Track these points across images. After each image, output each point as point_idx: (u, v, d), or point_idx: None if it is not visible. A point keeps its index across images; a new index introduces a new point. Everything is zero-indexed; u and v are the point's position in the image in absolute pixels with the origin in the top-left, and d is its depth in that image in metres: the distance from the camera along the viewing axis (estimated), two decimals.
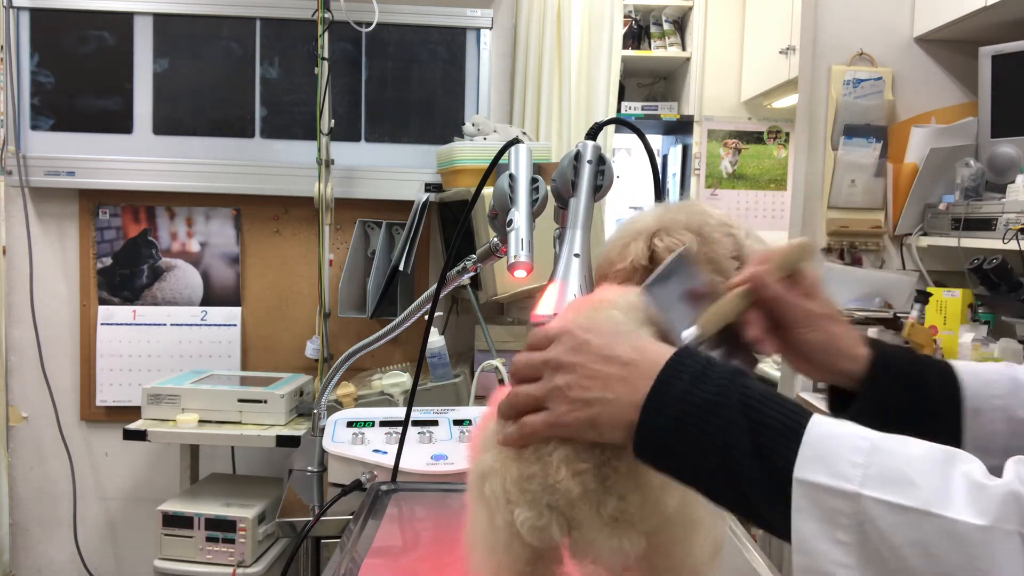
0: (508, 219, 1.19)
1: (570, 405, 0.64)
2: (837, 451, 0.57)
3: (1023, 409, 0.79)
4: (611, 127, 2.69)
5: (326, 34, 2.56)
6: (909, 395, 0.80)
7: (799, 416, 0.59)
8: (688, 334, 0.75)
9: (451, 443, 1.67)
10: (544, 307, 1.03)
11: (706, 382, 0.61)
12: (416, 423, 1.71)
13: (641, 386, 0.62)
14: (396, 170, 2.87)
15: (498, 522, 0.68)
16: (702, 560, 0.75)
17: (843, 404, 0.83)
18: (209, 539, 2.28)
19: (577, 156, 1.14)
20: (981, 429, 0.79)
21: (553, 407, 0.65)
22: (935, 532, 0.53)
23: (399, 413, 1.76)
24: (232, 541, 2.27)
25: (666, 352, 0.64)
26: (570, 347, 0.66)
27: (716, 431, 0.59)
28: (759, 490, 0.58)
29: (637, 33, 4.15)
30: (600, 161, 1.15)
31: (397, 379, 2.31)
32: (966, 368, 0.82)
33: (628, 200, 4.72)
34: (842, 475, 0.56)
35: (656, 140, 4.60)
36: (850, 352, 0.80)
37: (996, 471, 0.80)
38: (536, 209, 1.24)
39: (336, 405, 2.17)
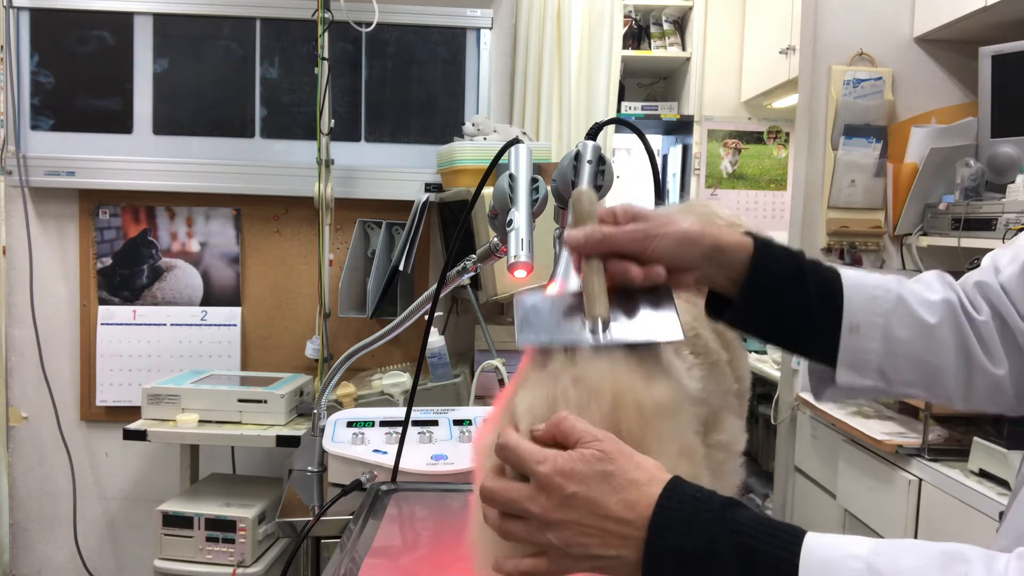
0: (508, 219, 1.19)
1: (574, 560, 0.63)
2: (839, 572, 0.56)
3: (902, 328, 0.76)
4: (611, 127, 2.69)
5: (326, 34, 2.56)
6: (788, 305, 0.76)
7: (791, 545, 0.58)
8: (600, 333, 0.70)
9: (451, 443, 1.67)
10: None
11: (696, 527, 0.60)
12: (416, 423, 1.71)
13: (639, 545, 0.61)
14: (396, 170, 2.87)
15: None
16: None
17: (721, 309, 0.79)
18: (209, 539, 2.28)
19: (577, 156, 1.14)
20: (856, 346, 0.76)
21: (555, 560, 0.64)
22: None
23: (399, 413, 1.76)
24: (232, 541, 2.27)
25: (655, 495, 0.62)
26: (557, 503, 0.62)
27: None
28: None
29: (637, 33, 4.14)
30: (600, 161, 1.15)
31: (397, 379, 2.31)
32: (853, 280, 0.77)
33: (628, 200, 4.72)
34: None
35: (656, 140, 4.60)
36: (714, 237, 0.74)
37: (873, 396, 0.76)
38: (536, 209, 1.24)
39: (336, 405, 2.17)
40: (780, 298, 0.75)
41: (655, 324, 0.72)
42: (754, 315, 0.76)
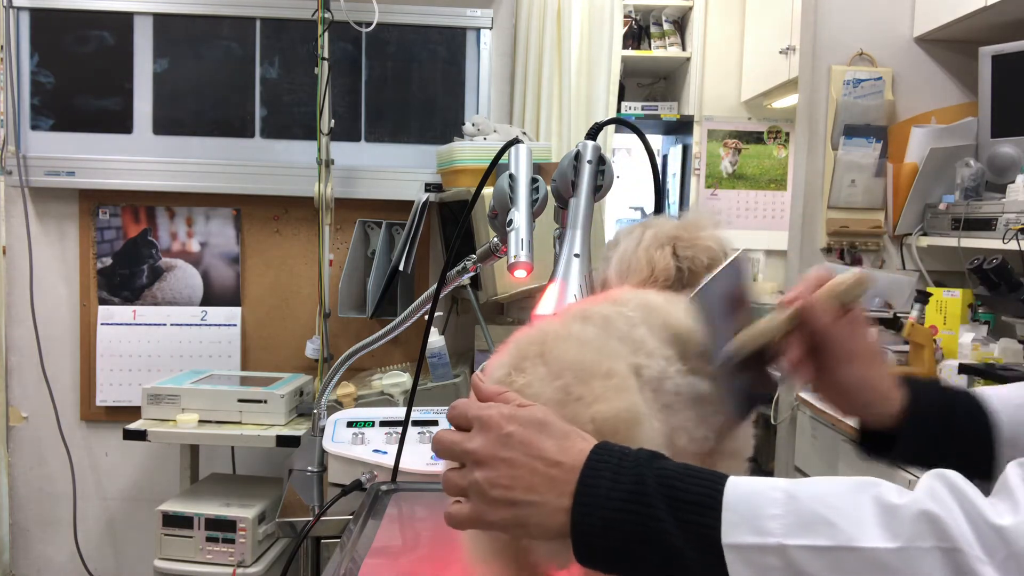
0: (508, 219, 1.20)
1: (490, 504, 0.63)
2: (756, 509, 0.58)
3: None
4: (611, 127, 2.69)
5: (326, 34, 2.56)
6: (942, 436, 0.80)
7: (716, 484, 0.60)
8: (728, 348, 0.74)
9: None
10: (544, 307, 1.03)
11: (623, 474, 0.61)
12: (416, 423, 1.71)
13: (567, 489, 0.62)
14: (396, 170, 2.87)
15: None
16: None
17: (876, 446, 0.84)
18: (209, 539, 2.28)
19: (577, 156, 1.14)
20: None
21: (475, 503, 0.64)
22: (857, 565, 0.55)
23: (399, 413, 1.76)
24: (232, 541, 2.27)
25: (587, 449, 0.63)
26: (493, 440, 0.64)
27: (644, 521, 0.59)
28: (699, 565, 0.59)
29: (637, 33, 4.14)
30: (600, 161, 1.15)
31: (397, 379, 2.32)
32: (996, 395, 0.81)
33: (628, 200, 4.72)
34: (765, 531, 0.57)
35: (656, 140, 4.60)
36: (885, 395, 0.80)
37: None
38: (536, 209, 1.24)
39: (336, 405, 2.17)
40: (935, 434, 0.81)
41: (747, 395, 0.78)
42: (911, 455, 0.83)
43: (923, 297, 2.34)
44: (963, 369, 2.11)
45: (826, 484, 0.59)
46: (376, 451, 1.64)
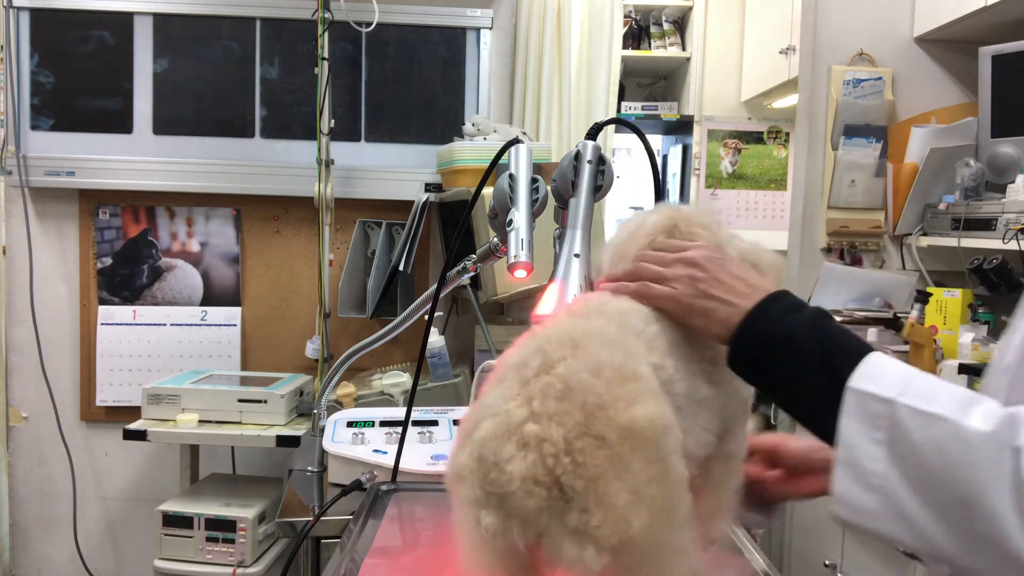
0: (508, 219, 1.20)
1: (695, 291, 0.79)
2: (886, 371, 0.70)
3: None
4: (611, 127, 2.69)
5: (326, 34, 2.56)
6: None
7: (865, 347, 0.73)
8: None
9: (451, 443, 1.67)
10: (544, 307, 1.03)
11: (794, 310, 0.76)
12: (416, 423, 1.71)
13: (750, 303, 0.77)
14: (396, 170, 2.87)
15: (472, 521, 0.68)
16: None
17: None
18: (209, 539, 2.28)
19: (577, 156, 1.14)
20: None
21: (680, 288, 0.79)
22: (946, 434, 0.65)
23: (399, 413, 1.76)
24: (232, 541, 2.27)
25: (771, 288, 0.80)
26: (710, 256, 0.81)
27: (798, 348, 0.74)
28: (821, 395, 0.72)
29: (637, 33, 4.14)
30: (600, 161, 1.15)
31: (397, 379, 2.32)
32: None
33: (628, 200, 4.72)
34: (885, 387, 0.69)
35: (656, 140, 4.59)
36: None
37: None
38: (536, 209, 1.24)
39: (336, 405, 2.17)
40: None
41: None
42: None
43: (923, 297, 2.34)
44: (963, 369, 2.11)
45: (954, 387, 0.69)
46: (376, 451, 1.64)
